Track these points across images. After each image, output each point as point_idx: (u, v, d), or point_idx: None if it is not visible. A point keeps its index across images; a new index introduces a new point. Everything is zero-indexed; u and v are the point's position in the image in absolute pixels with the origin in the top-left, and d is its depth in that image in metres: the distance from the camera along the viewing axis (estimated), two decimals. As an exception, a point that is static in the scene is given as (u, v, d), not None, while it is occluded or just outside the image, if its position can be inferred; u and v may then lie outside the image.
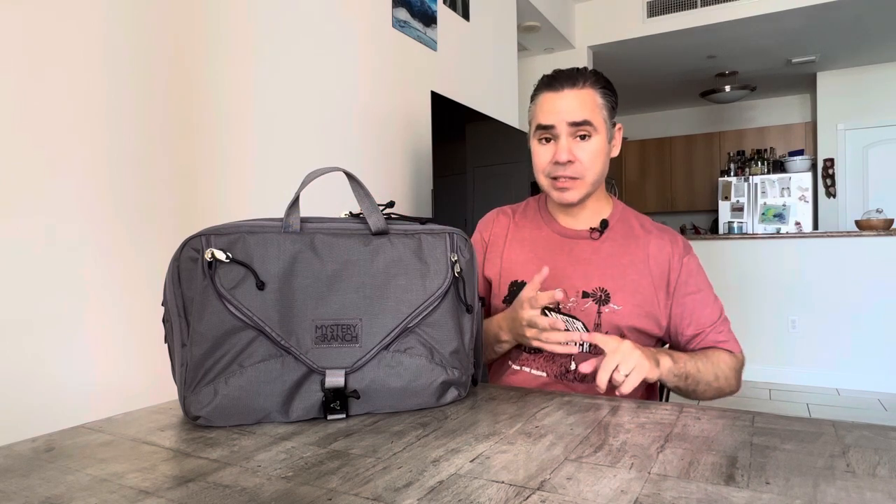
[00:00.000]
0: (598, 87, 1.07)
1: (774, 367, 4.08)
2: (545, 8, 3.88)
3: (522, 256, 1.13)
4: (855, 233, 3.88)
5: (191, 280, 0.71)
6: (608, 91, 1.08)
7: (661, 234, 1.11)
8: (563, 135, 1.04)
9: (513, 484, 0.52)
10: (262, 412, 0.70)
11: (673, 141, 6.99)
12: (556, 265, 1.09)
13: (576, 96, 1.04)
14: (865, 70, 5.74)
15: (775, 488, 0.50)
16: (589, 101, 1.05)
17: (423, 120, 2.39)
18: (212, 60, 1.49)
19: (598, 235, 1.11)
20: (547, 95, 1.07)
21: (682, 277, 1.07)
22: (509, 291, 1.11)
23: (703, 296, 1.08)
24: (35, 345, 1.11)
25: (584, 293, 1.06)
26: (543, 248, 1.13)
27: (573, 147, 1.04)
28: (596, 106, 1.05)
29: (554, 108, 1.05)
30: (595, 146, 1.05)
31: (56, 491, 0.52)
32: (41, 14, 1.14)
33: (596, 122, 1.04)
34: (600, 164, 1.07)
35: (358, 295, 0.74)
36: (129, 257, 1.28)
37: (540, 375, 1.07)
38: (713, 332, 1.07)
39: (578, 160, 1.04)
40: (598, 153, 1.05)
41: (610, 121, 1.08)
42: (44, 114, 1.14)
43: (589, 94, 1.05)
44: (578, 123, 1.03)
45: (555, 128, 1.05)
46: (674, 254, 1.08)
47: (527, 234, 1.16)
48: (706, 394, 1.02)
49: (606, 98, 1.07)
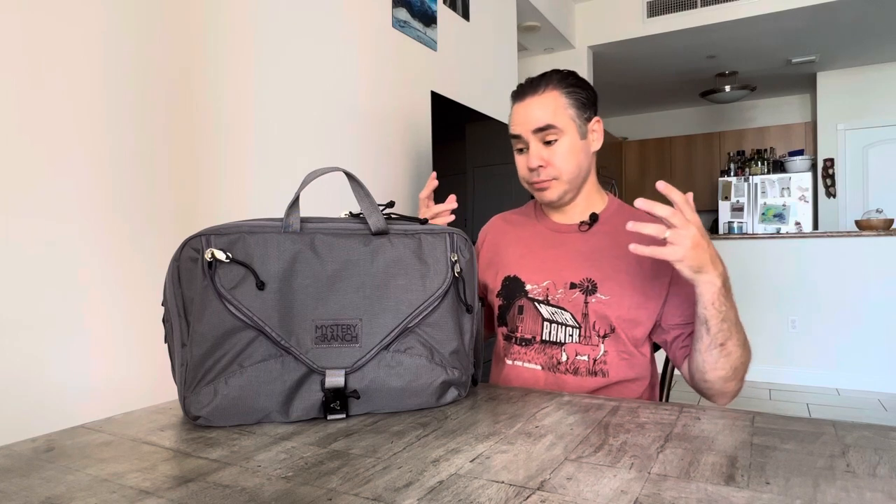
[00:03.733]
0: (563, 87, 1.08)
1: (774, 367, 4.08)
2: (545, 8, 3.88)
3: (517, 252, 1.16)
4: (855, 233, 3.88)
5: (191, 280, 0.71)
6: (576, 88, 1.09)
7: None
8: (532, 142, 1.08)
9: (513, 484, 0.52)
10: (262, 412, 0.70)
11: (673, 141, 6.99)
12: (547, 257, 1.12)
13: (538, 102, 1.07)
14: (865, 70, 5.74)
15: (775, 488, 0.50)
16: (551, 103, 1.07)
17: (423, 120, 2.39)
18: (212, 60, 1.49)
19: (586, 228, 1.12)
20: (514, 107, 1.12)
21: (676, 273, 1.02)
22: (502, 286, 1.14)
23: None
24: (35, 345, 1.11)
25: (571, 284, 1.07)
26: (535, 243, 1.15)
27: (542, 152, 1.07)
28: (559, 107, 1.07)
29: (519, 118, 1.10)
30: (564, 147, 1.07)
31: (56, 491, 0.52)
32: (41, 14, 1.14)
33: (561, 123, 1.06)
34: (574, 162, 1.08)
35: (358, 295, 0.74)
36: (129, 257, 1.28)
37: (533, 368, 1.08)
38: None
39: (550, 164, 1.07)
40: (569, 152, 1.07)
41: (581, 117, 1.09)
42: (44, 114, 1.13)
43: (551, 97, 1.07)
44: (542, 129, 1.06)
45: (522, 137, 1.09)
46: None
47: (520, 232, 1.20)
48: (730, 356, 0.91)
49: (572, 96, 1.08)
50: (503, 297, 1.13)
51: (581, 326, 1.05)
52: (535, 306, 1.08)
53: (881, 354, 3.79)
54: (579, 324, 1.05)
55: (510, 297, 1.12)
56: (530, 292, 1.10)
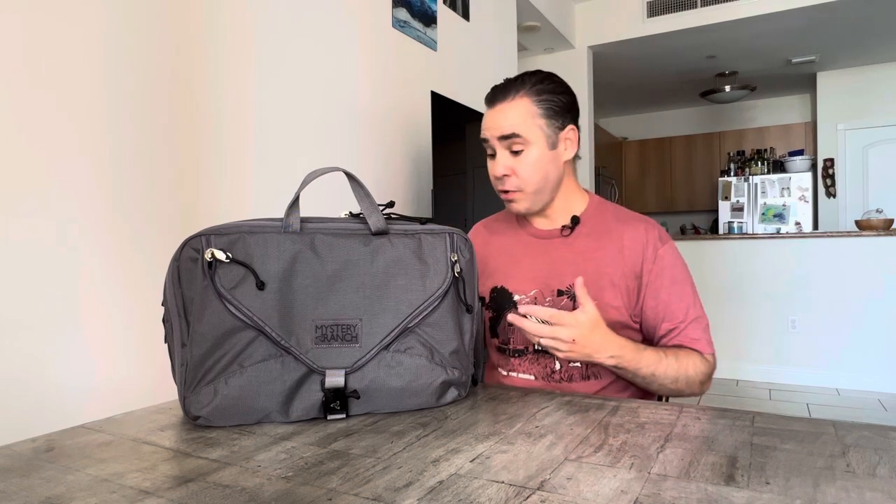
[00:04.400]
0: (534, 94, 1.03)
1: (774, 367, 4.08)
2: (545, 8, 3.88)
3: (502, 262, 1.14)
4: (855, 233, 3.88)
5: (191, 280, 0.71)
6: (550, 95, 1.04)
7: (637, 223, 1.08)
8: (498, 149, 1.05)
9: (513, 484, 0.52)
10: (262, 412, 0.70)
11: (673, 141, 6.99)
12: (532, 266, 1.10)
13: (507, 109, 1.03)
14: (865, 70, 5.74)
15: (775, 488, 0.50)
16: (520, 111, 1.03)
17: (423, 120, 2.39)
18: (212, 60, 1.49)
19: (568, 233, 1.10)
20: (486, 111, 1.08)
21: (656, 269, 1.04)
22: (490, 298, 1.13)
23: (680, 289, 1.04)
24: (35, 345, 1.11)
25: (559, 291, 1.06)
26: (519, 251, 1.14)
27: (508, 161, 1.05)
28: (528, 115, 1.02)
29: (487, 122, 1.07)
30: (529, 158, 1.04)
31: (56, 491, 0.52)
32: (41, 14, 1.14)
33: (527, 132, 1.02)
34: (540, 174, 1.05)
35: (358, 295, 0.74)
36: (129, 257, 1.28)
37: (528, 378, 1.07)
38: (687, 328, 1.02)
39: (515, 173, 1.05)
40: (534, 163, 1.04)
41: (552, 126, 1.04)
42: (44, 114, 1.13)
43: (521, 105, 1.03)
44: (507, 136, 1.03)
45: (489, 142, 1.06)
46: (647, 243, 1.05)
47: (504, 240, 1.18)
48: (660, 391, 1.01)
49: (544, 104, 1.03)
50: (492, 309, 1.12)
51: None
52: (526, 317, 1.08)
53: (881, 354, 3.79)
54: None
55: (499, 308, 1.11)
56: (519, 303, 1.08)
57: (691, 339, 1.02)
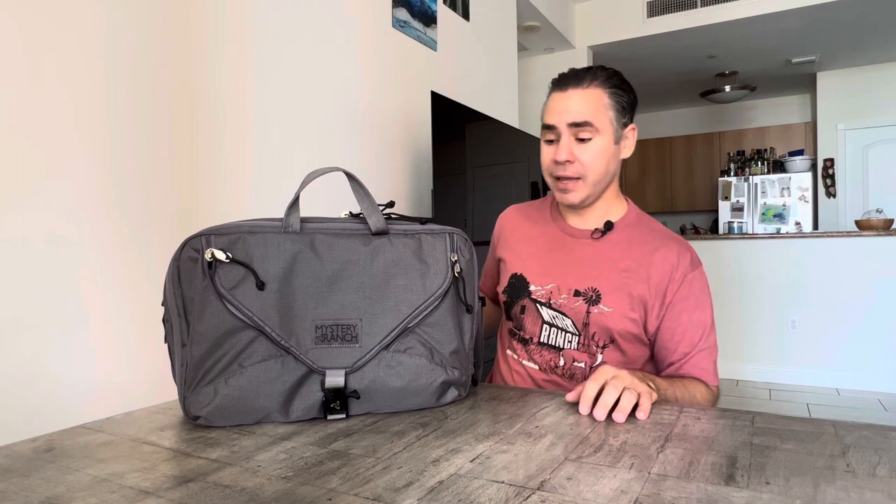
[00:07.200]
0: (608, 86, 1.04)
1: (774, 367, 4.08)
2: (545, 8, 3.88)
3: (525, 251, 1.14)
4: (855, 233, 3.88)
5: (191, 280, 0.71)
6: (620, 90, 1.05)
7: (670, 243, 1.06)
8: (565, 135, 1.03)
9: (513, 484, 0.52)
10: (262, 412, 0.70)
11: (673, 141, 6.99)
12: (554, 261, 1.10)
13: (580, 96, 1.03)
14: (865, 70, 5.74)
15: (775, 488, 0.50)
16: (594, 101, 1.02)
17: (423, 120, 2.39)
18: (212, 60, 1.49)
19: (598, 236, 1.09)
20: (553, 95, 1.06)
21: (682, 292, 1.02)
22: (508, 283, 1.13)
23: (700, 316, 1.03)
24: (35, 345, 1.11)
25: (575, 291, 1.05)
26: (546, 245, 1.13)
27: (574, 148, 1.03)
28: (601, 106, 1.03)
29: (557, 107, 1.04)
30: (596, 147, 1.03)
31: (56, 491, 0.52)
32: (41, 15, 1.14)
33: (599, 123, 1.02)
34: (603, 165, 1.04)
35: (358, 295, 0.74)
36: (129, 257, 1.28)
37: (533, 368, 1.08)
38: (698, 356, 1.02)
39: (578, 160, 1.03)
40: (600, 154, 1.03)
41: (619, 121, 1.05)
42: (44, 114, 1.13)
43: (594, 95, 1.03)
44: (579, 124, 1.02)
45: (556, 128, 1.04)
46: (678, 266, 1.03)
47: (535, 230, 1.17)
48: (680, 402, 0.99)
49: (615, 97, 1.04)
50: (508, 294, 1.13)
51: (580, 334, 1.04)
52: (537, 308, 1.08)
53: (881, 354, 3.79)
54: (579, 331, 1.04)
55: (514, 295, 1.12)
56: (534, 293, 1.09)
57: (700, 368, 1.02)
